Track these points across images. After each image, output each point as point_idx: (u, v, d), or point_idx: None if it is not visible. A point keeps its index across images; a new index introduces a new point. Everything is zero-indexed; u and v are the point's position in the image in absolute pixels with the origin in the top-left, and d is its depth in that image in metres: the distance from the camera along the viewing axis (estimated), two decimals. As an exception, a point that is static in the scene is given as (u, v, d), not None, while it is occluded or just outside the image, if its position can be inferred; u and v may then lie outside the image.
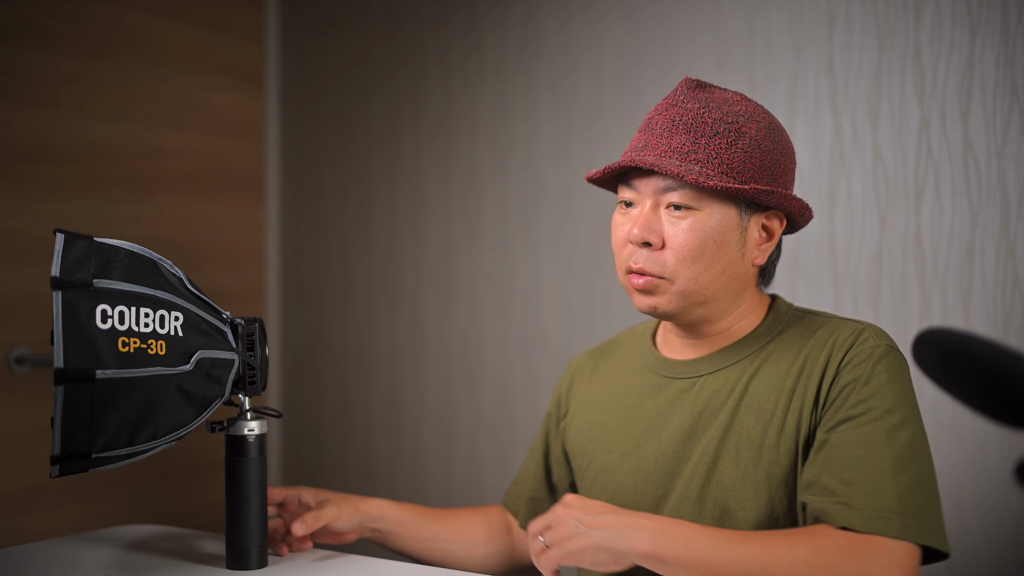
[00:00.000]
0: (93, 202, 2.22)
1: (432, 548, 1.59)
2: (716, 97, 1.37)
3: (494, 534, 1.64)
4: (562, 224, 2.28)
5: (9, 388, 2.07)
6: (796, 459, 1.31)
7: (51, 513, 2.13)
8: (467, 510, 1.67)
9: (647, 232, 1.34)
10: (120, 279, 1.28)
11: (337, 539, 1.55)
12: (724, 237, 1.34)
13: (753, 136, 1.34)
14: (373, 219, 2.55)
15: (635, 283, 1.36)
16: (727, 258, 1.35)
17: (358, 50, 2.56)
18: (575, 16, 2.25)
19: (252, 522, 1.43)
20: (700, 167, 1.32)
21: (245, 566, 1.43)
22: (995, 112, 1.78)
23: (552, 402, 1.64)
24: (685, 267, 1.34)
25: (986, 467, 1.79)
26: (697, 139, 1.33)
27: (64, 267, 1.24)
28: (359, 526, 1.54)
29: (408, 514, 1.58)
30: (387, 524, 1.56)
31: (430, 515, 1.60)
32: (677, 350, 1.46)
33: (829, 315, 1.42)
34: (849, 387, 1.29)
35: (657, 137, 1.36)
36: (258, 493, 1.44)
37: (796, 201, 1.36)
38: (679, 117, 1.35)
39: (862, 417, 1.26)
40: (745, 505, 1.33)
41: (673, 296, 1.35)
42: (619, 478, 1.44)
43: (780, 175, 1.37)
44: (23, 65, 2.10)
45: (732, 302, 1.40)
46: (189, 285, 1.36)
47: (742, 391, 1.37)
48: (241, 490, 1.43)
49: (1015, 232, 1.77)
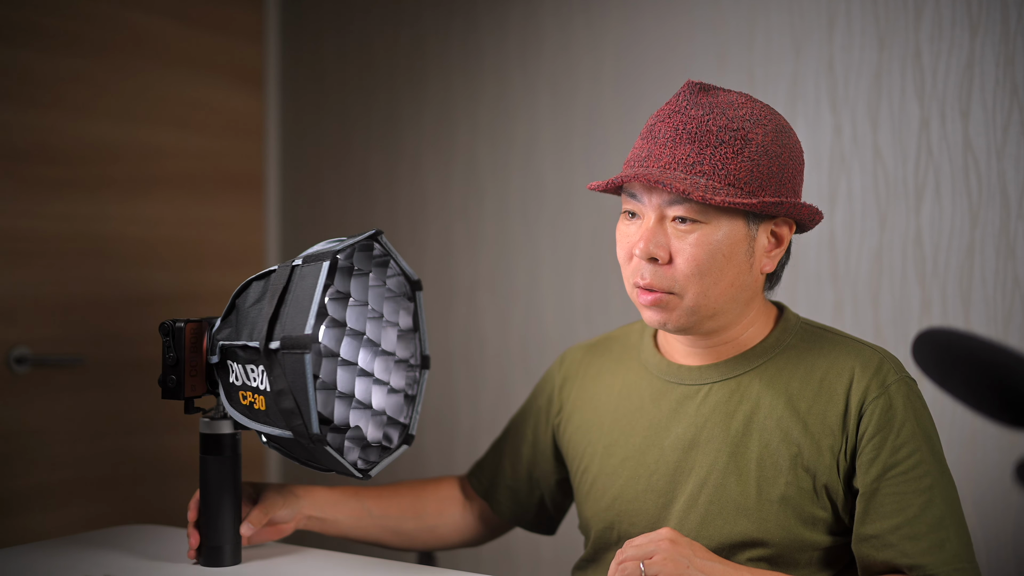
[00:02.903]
0: (93, 202, 2.22)
1: (370, 526, 1.57)
2: (720, 101, 1.32)
3: (443, 506, 1.62)
4: (562, 224, 2.28)
5: (9, 388, 2.07)
6: (813, 485, 1.32)
7: (51, 513, 2.13)
8: (410, 484, 1.64)
9: (653, 247, 1.31)
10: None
11: (276, 532, 1.53)
12: (732, 249, 1.31)
13: (760, 142, 1.30)
14: (373, 219, 2.55)
15: (643, 300, 1.34)
16: (736, 269, 1.33)
17: (358, 50, 2.56)
18: (575, 17, 2.25)
19: (226, 520, 1.44)
20: (706, 179, 1.28)
21: (219, 563, 1.44)
22: (995, 112, 1.78)
23: (541, 394, 1.60)
24: (694, 282, 1.31)
25: (986, 467, 1.79)
26: (702, 149, 1.29)
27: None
28: (298, 514, 1.52)
29: (340, 495, 1.56)
30: (320, 509, 1.54)
31: (364, 493, 1.58)
32: (681, 355, 1.43)
33: (841, 333, 1.40)
34: (884, 431, 1.30)
35: (661, 147, 1.31)
36: (231, 491, 1.45)
37: (806, 208, 1.33)
38: (683, 125, 1.31)
39: (904, 463, 1.30)
40: (742, 523, 1.33)
41: (683, 312, 1.33)
42: (619, 483, 1.43)
43: (788, 180, 1.33)
44: (23, 65, 2.10)
45: (741, 312, 1.37)
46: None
47: (753, 406, 1.35)
48: (215, 488, 1.44)
49: (1015, 232, 1.77)
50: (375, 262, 1.47)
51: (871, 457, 1.30)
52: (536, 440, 1.59)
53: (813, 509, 1.32)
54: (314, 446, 1.34)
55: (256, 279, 1.44)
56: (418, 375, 1.51)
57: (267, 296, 1.40)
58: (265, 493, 1.51)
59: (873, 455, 1.30)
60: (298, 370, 1.31)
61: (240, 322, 1.42)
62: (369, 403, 1.48)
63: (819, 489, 1.32)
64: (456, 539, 1.64)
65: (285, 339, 1.33)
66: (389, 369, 1.50)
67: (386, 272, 1.48)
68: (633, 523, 1.41)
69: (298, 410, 1.33)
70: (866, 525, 1.30)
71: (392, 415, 1.49)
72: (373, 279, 1.48)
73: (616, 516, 1.43)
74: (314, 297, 1.33)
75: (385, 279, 1.49)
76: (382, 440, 1.48)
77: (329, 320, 1.43)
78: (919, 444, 1.30)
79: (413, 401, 1.50)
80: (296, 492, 1.53)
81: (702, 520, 1.35)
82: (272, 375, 1.35)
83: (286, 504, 1.51)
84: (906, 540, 1.28)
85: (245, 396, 1.40)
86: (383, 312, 1.49)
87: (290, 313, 1.35)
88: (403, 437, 1.49)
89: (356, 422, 1.46)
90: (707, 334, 1.38)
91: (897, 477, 1.29)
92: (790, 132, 1.36)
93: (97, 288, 2.21)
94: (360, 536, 1.58)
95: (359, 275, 1.46)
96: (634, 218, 1.35)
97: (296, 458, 1.43)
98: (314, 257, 1.37)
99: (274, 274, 1.41)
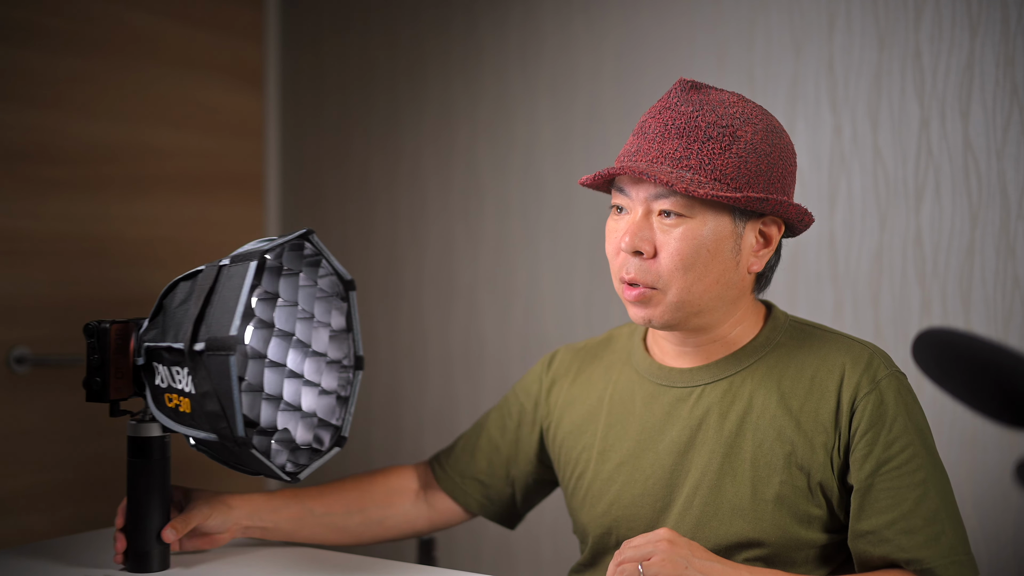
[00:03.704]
0: (93, 202, 2.22)
1: (314, 526, 1.55)
2: (711, 99, 1.33)
3: (392, 497, 1.60)
4: (562, 225, 2.28)
5: (9, 388, 2.07)
6: (808, 483, 1.32)
7: (51, 513, 2.13)
8: (356, 478, 1.62)
9: (638, 240, 1.31)
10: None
11: (210, 542, 1.50)
12: (718, 245, 1.32)
13: (749, 140, 1.31)
14: (373, 219, 2.55)
15: (628, 295, 1.34)
16: (721, 266, 1.33)
17: (358, 50, 2.56)
18: (575, 17, 2.25)
19: (153, 525, 1.42)
20: (692, 173, 1.29)
21: (146, 569, 1.42)
22: (995, 112, 1.78)
23: (526, 395, 1.59)
24: (677, 277, 1.31)
25: (986, 467, 1.79)
26: (689, 144, 1.30)
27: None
28: (234, 525, 1.50)
29: (279, 499, 1.54)
30: (258, 517, 1.52)
31: (305, 494, 1.56)
32: (672, 357, 1.43)
33: (829, 330, 1.40)
34: (876, 427, 1.30)
35: (650, 142, 1.32)
36: (160, 496, 1.42)
37: (793, 207, 1.33)
38: (672, 121, 1.32)
39: (898, 458, 1.30)
40: (738, 523, 1.33)
41: (667, 308, 1.33)
42: (615, 489, 1.42)
43: (777, 179, 1.33)
44: (23, 65, 2.10)
45: (728, 310, 1.37)
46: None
47: (745, 406, 1.36)
48: (142, 493, 1.42)
49: (1015, 232, 1.77)
50: (306, 262, 1.45)
51: (864, 453, 1.30)
52: (518, 439, 1.58)
53: (808, 507, 1.32)
54: (240, 449, 1.32)
55: (183, 279, 1.41)
56: (351, 376, 1.49)
57: (193, 296, 1.37)
58: (193, 501, 1.49)
59: (866, 451, 1.30)
60: (222, 372, 1.29)
61: (166, 323, 1.39)
62: (299, 405, 1.45)
63: (813, 487, 1.32)
64: (406, 529, 1.62)
65: (210, 341, 1.30)
66: (320, 370, 1.47)
67: (318, 272, 1.46)
68: (631, 527, 1.41)
69: (223, 413, 1.31)
70: (862, 521, 1.30)
71: (323, 417, 1.46)
72: (304, 279, 1.46)
73: (613, 521, 1.43)
74: (240, 298, 1.31)
75: (316, 279, 1.46)
76: (312, 442, 1.45)
77: (256, 321, 1.41)
78: (912, 438, 1.31)
79: (346, 402, 1.48)
80: (229, 502, 1.50)
81: (698, 522, 1.35)
82: (197, 377, 1.32)
83: (214, 513, 1.48)
84: (902, 535, 1.28)
85: (171, 399, 1.38)
86: (314, 312, 1.47)
87: (215, 314, 1.32)
88: (335, 439, 1.46)
89: (284, 424, 1.43)
90: (694, 332, 1.38)
91: (891, 472, 1.29)
92: (782, 133, 1.35)
93: (97, 288, 2.21)
94: (305, 538, 1.56)
95: (288, 275, 1.44)
96: (622, 213, 1.36)
97: (224, 462, 1.41)
98: (242, 257, 1.35)
99: (201, 274, 1.38)
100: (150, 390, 1.41)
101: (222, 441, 1.33)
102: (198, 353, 1.32)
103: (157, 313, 1.42)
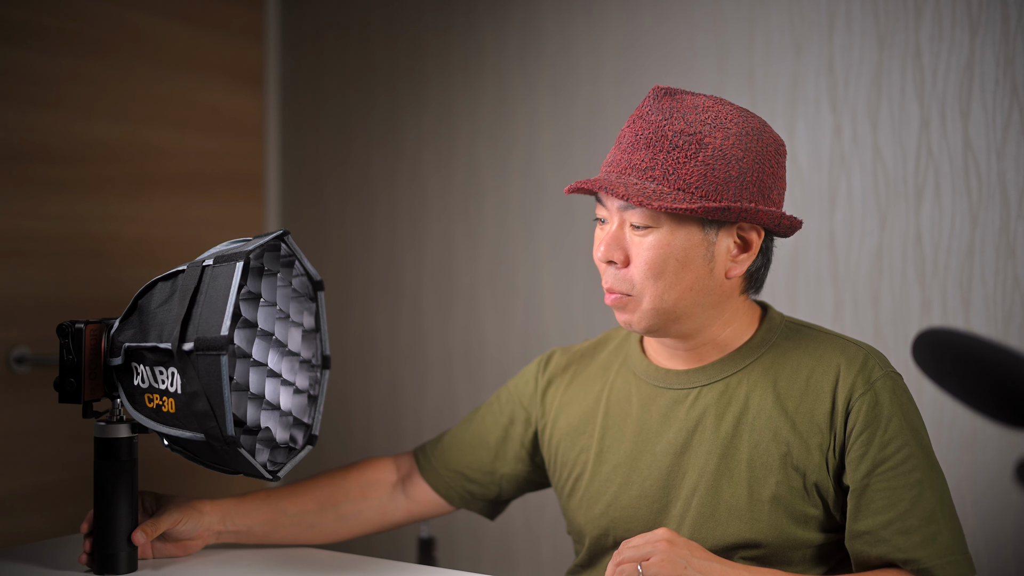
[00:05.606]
0: (93, 202, 2.22)
1: (287, 525, 1.55)
2: (684, 105, 1.33)
3: (367, 490, 1.60)
4: (562, 225, 2.28)
5: (9, 388, 2.07)
6: (803, 484, 1.32)
7: (51, 513, 2.13)
8: (329, 474, 1.62)
9: (611, 250, 1.34)
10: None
11: (182, 548, 1.50)
12: (687, 254, 1.32)
13: (718, 146, 1.30)
14: (373, 219, 2.55)
15: (607, 300, 1.36)
16: (693, 275, 1.33)
17: (358, 50, 2.56)
18: (575, 18, 2.25)
19: (121, 527, 1.41)
20: (655, 184, 1.30)
21: (113, 571, 1.41)
22: (995, 112, 1.78)
23: (520, 394, 1.59)
24: (649, 285, 1.32)
25: (986, 467, 1.79)
26: (656, 154, 1.31)
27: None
28: (205, 530, 1.49)
29: (251, 502, 1.54)
30: (231, 522, 1.51)
31: (277, 494, 1.56)
32: (668, 359, 1.43)
33: (825, 331, 1.41)
34: (871, 428, 1.30)
35: (622, 152, 1.34)
36: (127, 497, 1.42)
37: (764, 214, 1.31)
38: (642, 131, 1.33)
39: (893, 459, 1.30)
40: (735, 524, 1.34)
41: (644, 314, 1.34)
42: (612, 490, 1.42)
43: (751, 184, 1.31)
44: (23, 65, 2.10)
45: (711, 315, 1.37)
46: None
47: (741, 407, 1.36)
48: (109, 494, 1.41)
49: (1015, 232, 1.77)
50: (282, 262, 1.46)
51: (860, 454, 1.30)
52: (508, 437, 1.58)
53: (804, 507, 1.32)
54: (227, 448, 1.32)
55: (162, 279, 1.41)
56: (319, 375, 1.50)
57: (176, 297, 1.37)
58: (165, 507, 1.48)
59: (862, 452, 1.30)
60: (213, 372, 1.29)
61: (146, 323, 1.39)
62: (278, 404, 1.46)
63: (809, 487, 1.32)
64: (384, 522, 1.62)
65: (199, 340, 1.31)
66: (295, 370, 1.48)
67: (291, 272, 1.47)
68: (628, 529, 1.41)
69: (212, 412, 1.31)
70: (858, 522, 1.30)
71: (297, 416, 1.48)
72: (280, 279, 1.47)
73: (611, 522, 1.43)
74: (229, 298, 1.31)
75: (291, 279, 1.48)
76: (288, 441, 1.47)
77: (241, 321, 1.42)
78: (907, 439, 1.31)
79: (316, 401, 1.49)
80: (200, 508, 1.49)
81: (695, 524, 1.35)
82: (185, 377, 1.33)
83: (185, 519, 1.47)
84: (899, 535, 1.28)
85: (152, 399, 1.37)
86: (289, 312, 1.48)
87: (203, 314, 1.33)
88: (307, 438, 1.47)
89: (266, 423, 1.44)
90: (682, 337, 1.39)
91: (887, 472, 1.30)
92: (760, 136, 1.33)
93: (97, 288, 2.21)
94: (280, 540, 1.56)
95: (268, 275, 1.45)
96: (604, 223, 1.37)
97: (201, 461, 1.40)
98: (226, 257, 1.35)
99: (182, 275, 1.39)
100: (125, 390, 1.41)
101: (209, 440, 1.33)
102: (187, 353, 1.32)
103: (131, 313, 1.42)
